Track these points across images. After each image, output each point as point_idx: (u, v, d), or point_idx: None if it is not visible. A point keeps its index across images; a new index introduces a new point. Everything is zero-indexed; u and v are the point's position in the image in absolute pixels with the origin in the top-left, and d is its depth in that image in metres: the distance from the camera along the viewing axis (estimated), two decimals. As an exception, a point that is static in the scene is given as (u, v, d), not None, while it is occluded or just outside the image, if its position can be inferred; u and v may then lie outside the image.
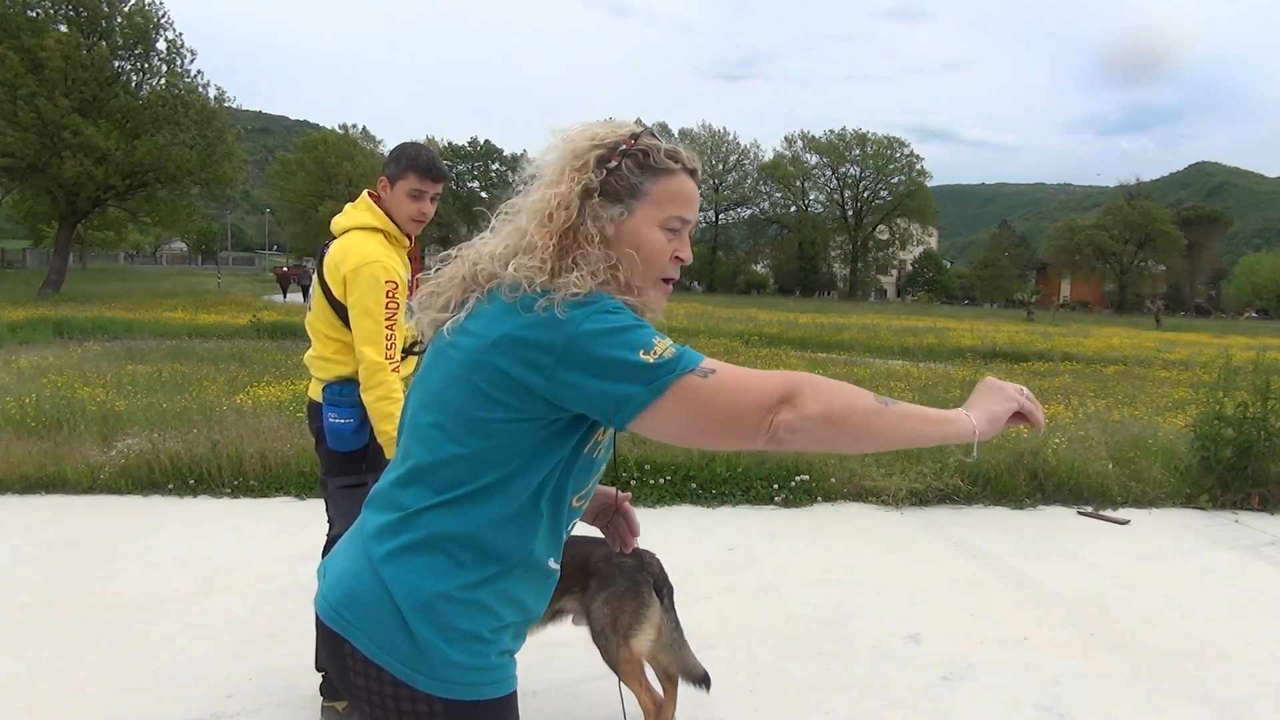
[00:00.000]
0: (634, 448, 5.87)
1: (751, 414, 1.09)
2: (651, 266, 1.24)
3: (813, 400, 1.09)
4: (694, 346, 1.16)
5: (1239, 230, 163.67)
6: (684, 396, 1.09)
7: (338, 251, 2.63)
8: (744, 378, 1.11)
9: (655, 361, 1.09)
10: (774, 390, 1.09)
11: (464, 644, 1.18)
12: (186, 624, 3.53)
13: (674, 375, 1.08)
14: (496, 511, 1.19)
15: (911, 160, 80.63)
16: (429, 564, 1.19)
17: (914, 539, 5.04)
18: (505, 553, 1.21)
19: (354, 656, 1.20)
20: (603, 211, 1.21)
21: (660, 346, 1.10)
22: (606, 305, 1.14)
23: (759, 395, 1.09)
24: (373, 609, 1.19)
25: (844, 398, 1.11)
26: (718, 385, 1.09)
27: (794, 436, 1.09)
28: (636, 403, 1.09)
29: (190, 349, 12.48)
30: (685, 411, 1.09)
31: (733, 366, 1.13)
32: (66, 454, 5.57)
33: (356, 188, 3.74)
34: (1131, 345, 20.91)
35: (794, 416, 1.08)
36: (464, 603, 1.19)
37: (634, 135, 1.23)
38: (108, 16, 27.93)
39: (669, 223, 1.24)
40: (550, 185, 1.21)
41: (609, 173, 1.21)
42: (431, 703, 1.17)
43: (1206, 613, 4.04)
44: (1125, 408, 8.79)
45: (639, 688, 2.56)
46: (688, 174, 1.26)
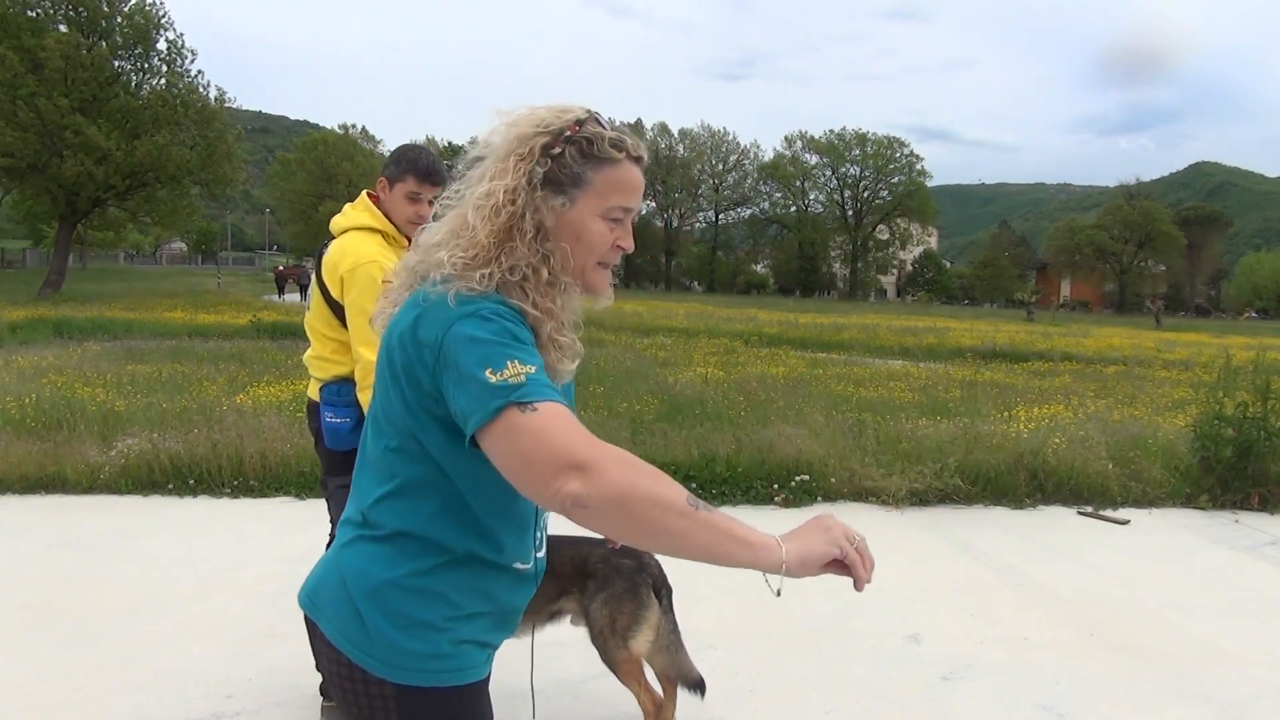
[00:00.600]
0: (634, 448, 5.87)
1: (542, 469, 1.00)
2: (591, 256, 1.23)
3: (612, 481, 0.99)
4: (694, 346, 1.15)
5: (1239, 230, 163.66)
6: (503, 427, 1.03)
7: (335, 251, 2.63)
8: (553, 429, 1.02)
9: (496, 383, 1.03)
10: (574, 454, 1.00)
11: (413, 631, 1.20)
12: (186, 624, 3.53)
13: (504, 403, 1.03)
14: (429, 507, 1.20)
15: (911, 160, 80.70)
16: (379, 552, 1.21)
17: (914, 539, 5.04)
18: (448, 545, 1.21)
19: (321, 639, 1.25)
20: (544, 204, 1.19)
21: (512, 369, 1.04)
22: (484, 311, 1.11)
23: (556, 453, 1.00)
24: (332, 595, 1.24)
25: (649, 489, 1.01)
26: (526, 426, 1.02)
27: (582, 513, 1.00)
28: (473, 421, 1.05)
29: (190, 349, 12.48)
30: (500, 444, 1.04)
31: (563, 416, 1.04)
32: (66, 454, 5.57)
33: (356, 188, 3.73)
34: (1131, 345, 20.92)
35: (583, 491, 0.99)
36: (412, 590, 1.20)
37: (579, 121, 1.20)
38: (108, 16, 27.92)
39: (611, 213, 1.22)
40: (498, 177, 1.19)
41: (553, 160, 1.19)
42: (383, 686, 1.20)
43: (1206, 613, 4.04)
44: (1125, 408, 8.79)
45: (638, 688, 2.56)
46: (632, 162, 1.23)
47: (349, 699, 1.23)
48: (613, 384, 8.65)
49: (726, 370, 11.08)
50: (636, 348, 14.23)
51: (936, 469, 5.78)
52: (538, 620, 2.62)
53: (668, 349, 14.49)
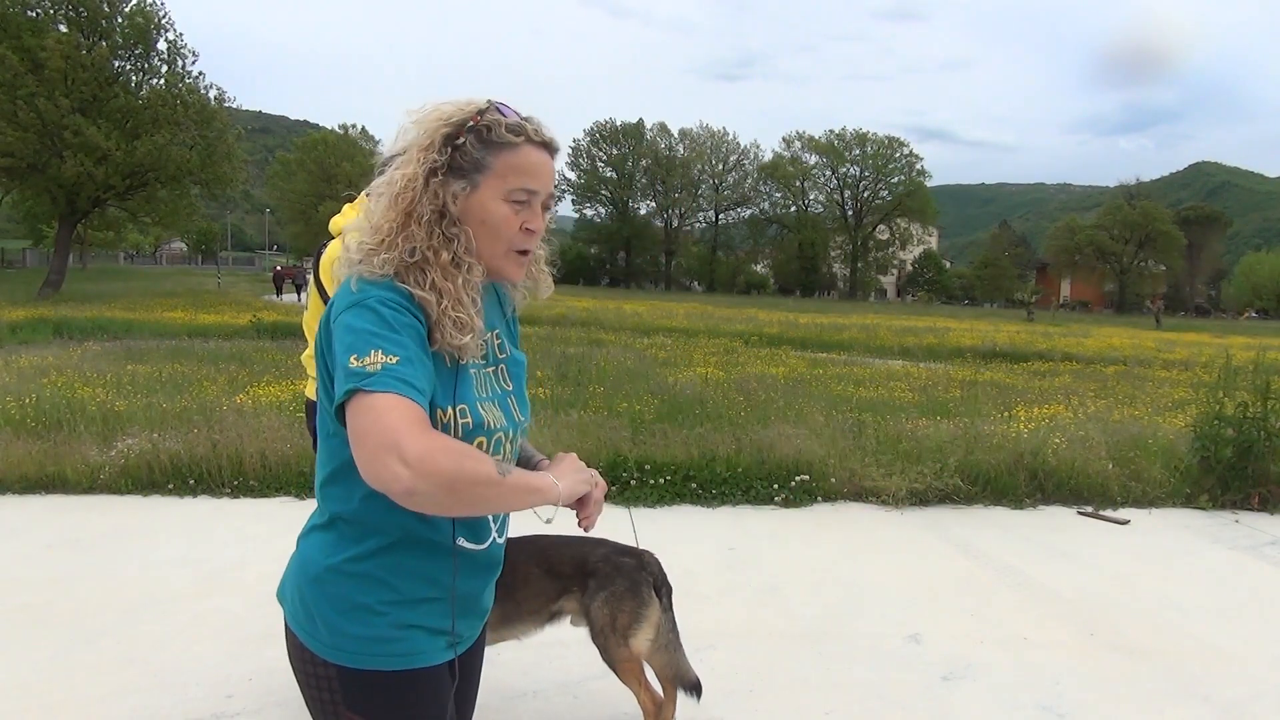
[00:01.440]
0: (634, 448, 5.87)
1: (373, 450, 1.06)
2: (498, 239, 1.28)
3: (438, 470, 1.05)
4: (694, 346, 1.17)
5: (1239, 230, 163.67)
6: (350, 409, 1.10)
7: (333, 251, 2.63)
8: (388, 415, 1.06)
9: (354, 368, 1.10)
10: (399, 442, 1.05)
11: (353, 614, 1.25)
12: (186, 624, 3.53)
13: (355, 386, 1.09)
14: (360, 487, 1.20)
15: (911, 160, 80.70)
16: (323, 539, 1.29)
17: (914, 539, 5.04)
18: (381, 527, 1.25)
19: (285, 626, 1.34)
20: (444, 189, 1.24)
21: (372, 358, 1.10)
22: (369, 300, 1.17)
23: (384, 438, 1.05)
24: (289, 582, 1.34)
25: (471, 471, 1.09)
26: (365, 408, 1.08)
27: (413, 498, 1.06)
28: (335, 399, 1.13)
29: (190, 349, 12.48)
30: (349, 423, 1.10)
31: (401, 407, 1.08)
32: (66, 454, 5.57)
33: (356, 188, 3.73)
34: (1131, 345, 20.92)
35: (413, 482, 1.04)
36: (351, 575, 1.26)
37: (480, 111, 1.26)
38: (108, 16, 27.89)
39: (513, 195, 1.26)
40: (401, 166, 1.26)
41: (454, 150, 1.24)
42: (328, 668, 1.27)
43: (1206, 613, 4.04)
44: (1125, 408, 8.79)
45: (639, 687, 2.56)
46: (536, 146, 1.27)
47: (301, 679, 1.31)
48: (613, 384, 8.65)
49: (726, 370, 11.08)
50: (636, 348, 14.23)
51: (936, 469, 5.78)
52: (538, 620, 2.62)
53: (668, 349, 14.48)
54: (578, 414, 6.59)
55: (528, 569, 2.55)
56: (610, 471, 5.61)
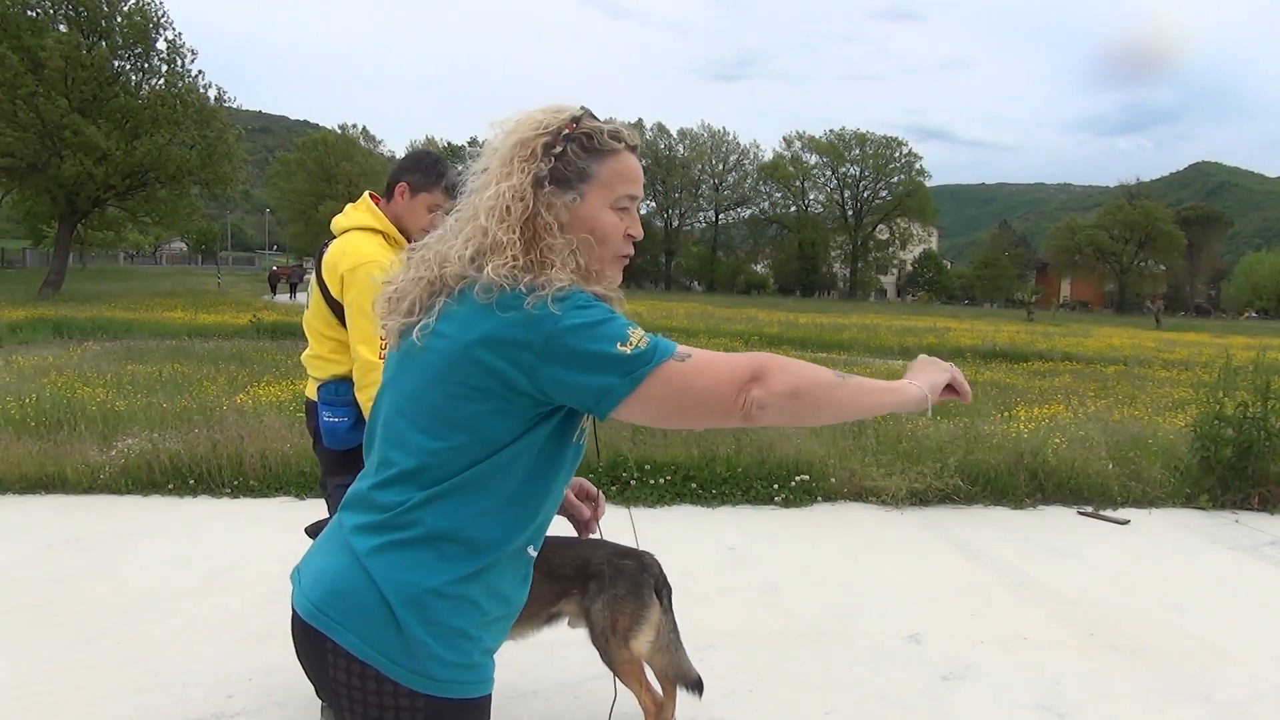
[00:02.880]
0: (634, 448, 5.87)
1: (727, 393, 1.14)
2: (608, 248, 1.26)
3: (780, 378, 1.15)
4: (694, 345, 1.18)
5: (1239, 230, 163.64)
6: (663, 382, 1.14)
7: (336, 251, 2.63)
8: (716, 361, 1.17)
9: (632, 353, 1.13)
10: (745, 370, 1.15)
11: (451, 640, 1.19)
12: (186, 624, 3.53)
13: (651, 365, 1.13)
14: (483, 504, 1.19)
15: (910, 160, 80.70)
16: (418, 559, 1.19)
17: (914, 539, 5.04)
18: (493, 544, 1.21)
19: (336, 653, 1.19)
20: (555, 199, 1.22)
21: (635, 337, 1.14)
22: (579, 300, 1.17)
23: (732, 376, 1.15)
24: (360, 605, 1.19)
25: (808, 375, 1.18)
26: (694, 369, 1.15)
27: (764, 412, 1.15)
28: (617, 393, 1.13)
29: (190, 349, 12.48)
30: (666, 395, 1.14)
31: (704, 351, 1.19)
32: (66, 454, 5.57)
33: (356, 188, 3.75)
34: (1131, 345, 20.92)
35: (764, 393, 1.14)
36: (453, 598, 1.19)
37: (575, 119, 1.24)
38: (107, 16, 27.91)
39: (619, 202, 1.25)
40: (502, 179, 1.21)
41: (556, 159, 1.21)
42: (414, 698, 1.17)
43: (1206, 613, 4.04)
44: (1125, 408, 8.79)
45: (639, 688, 2.56)
46: (630, 151, 1.27)
47: (371, 714, 1.18)
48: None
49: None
50: (636, 348, 14.19)
51: (936, 469, 5.78)
52: (536, 623, 2.62)
53: (668, 349, 14.44)
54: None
55: None
56: (610, 471, 5.62)
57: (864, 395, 1.23)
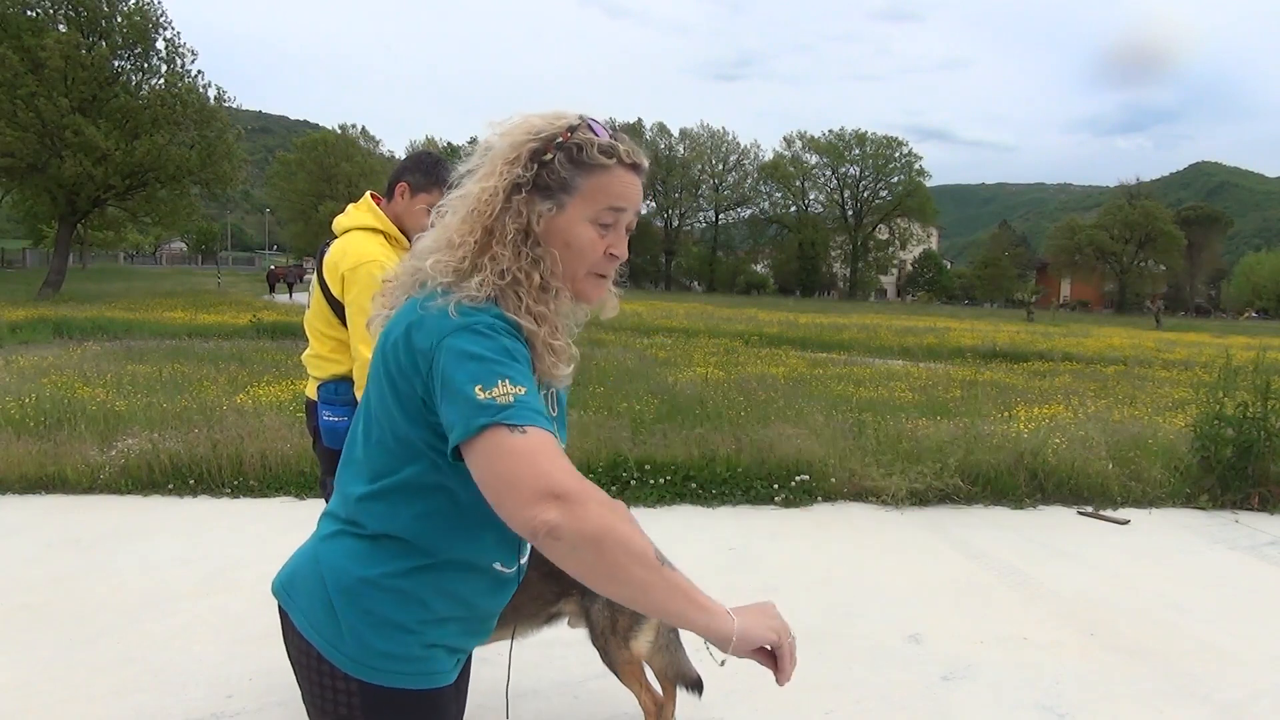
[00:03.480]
0: (634, 448, 5.87)
1: (523, 492, 1.00)
2: (581, 263, 1.21)
3: (591, 518, 1.00)
4: (694, 346, 1.16)
5: (1239, 230, 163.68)
6: (487, 445, 1.03)
7: (337, 250, 2.64)
8: (539, 454, 1.02)
9: (484, 401, 1.03)
10: (556, 483, 1.00)
11: (385, 631, 1.20)
12: (186, 624, 3.53)
13: (489, 421, 1.02)
14: (417, 507, 1.20)
15: (910, 160, 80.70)
16: (359, 549, 1.22)
17: (914, 539, 5.04)
18: (431, 548, 1.21)
19: (290, 629, 1.26)
20: (528, 208, 1.18)
21: (501, 389, 1.04)
22: (480, 325, 1.10)
23: (539, 479, 1.00)
24: (307, 586, 1.24)
25: (625, 534, 1.03)
26: (511, 448, 1.02)
27: (555, 544, 1.00)
28: (455, 434, 1.06)
29: (190, 349, 12.47)
30: (481, 461, 1.04)
31: (549, 444, 1.04)
32: (66, 454, 5.57)
33: (356, 187, 3.75)
34: (1131, 345, 20.91)
35: (561, 523, 0.99)
36: (389, 590, 1.20)
37: (571, 128, 1.19)
38: (107, 16, 27.90)
39: (601, 218, 1.20)
40: (481, 180, 1.19)
41: (541, 166, 1.18)
42: (349, 683, 1.21)
43: (1206, 613, 4.04)
44: (1125, 408, 8.79)
45: (639, 688, 2.56)
46: (626, 168, 1.21)
47: (314, 690, 1.24)
48: (613, 384, 8.65)
49: (726, 370, 11.08)
50: (636, 348, 14.23)
51: (936, 469, 5.78)
52: (535, 623, 2.62)
53: (668, 349, 14.48)
54: (578, 414, 6.58)
55: (527, 572, 2.54)
56: (610, 471, 5.62)
57: (670, 593, 1.08)
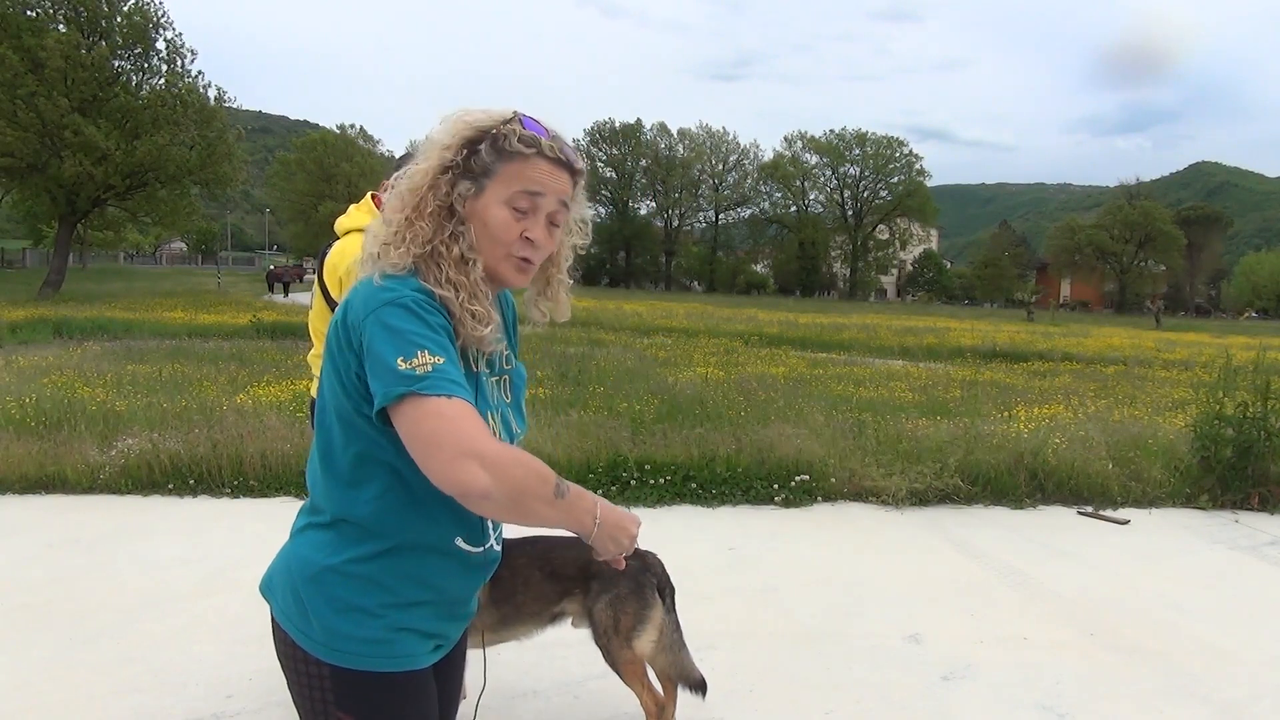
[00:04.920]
0: (634, 448, 5.87)
1: (446, 452, 1.10)
2: (497, 242, 1.29)
3: (512, 478, 1.12)
4: (694, 346, 1.18)
5: (1239, 230, 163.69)
6: (409, 410, 1.13)
7: (336, 253, 2.64)
8: (461, 420, 1.12)
9: (404, 370, 1.13)
10: (477, 445, 1.11)
11: (349, 615, 1.26)
12: (187, 623, 3.53)
13: (407, 389, 1.12)
14: (370, 489, 1.26)
15: (911, 160, 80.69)
16: (321, 539, 1.30)
17: (914, 539, 5.04)
18: (386, 530, 1.27)
19: (273, 620, 1.34)
20: (452, 187, 1.28)
21: (421, 359, 1.14)
22: (405, 300, 1.19)
23: (462, 440, 1.11)
24: (280, 578, 1.33)
25: (536, 487, 1.14)
26: (430, 411, 1.12)
27: (485, 503, 1.12)
28: (378, 400, 1.15)
29: (190, 349, 12.48)
30: (406, 425, 1.14)
31: (465, 409, 1.13)
32: (66, 454, 5.57)
33: (356, 188, 3.76)
34: (1131, 345, 20.91)
35: (490, 485, 1.10)
36: (350, 576, 1.27)
37: (505, 121, 1.29)
38: (107, 16, 27.89)
39: (515, 200, 1.28)
40: (418, 162, 1.30)
41: (472, 154, 1.27)
42: (321, 667, 1.28)
43: (1206, 613, 4.04)
44: (1125, 408, 8.79)
45: (641, 689, 2.56)
46: (549, 160, 1.29)
47: (292, 677, 1.32)
48: (613, 384, 8.65)
49: (726, 370, 11.08)
50: (636, 348, 14.23)
51: (936, 469, 5.78)
52: (539, 623, 2.62)
53: (668, 349, 14.48)
54: (578, 414, 6.58)
55: (529, 572, 2.54)
56: (610, 471, 5.62)
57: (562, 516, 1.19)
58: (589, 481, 5.45)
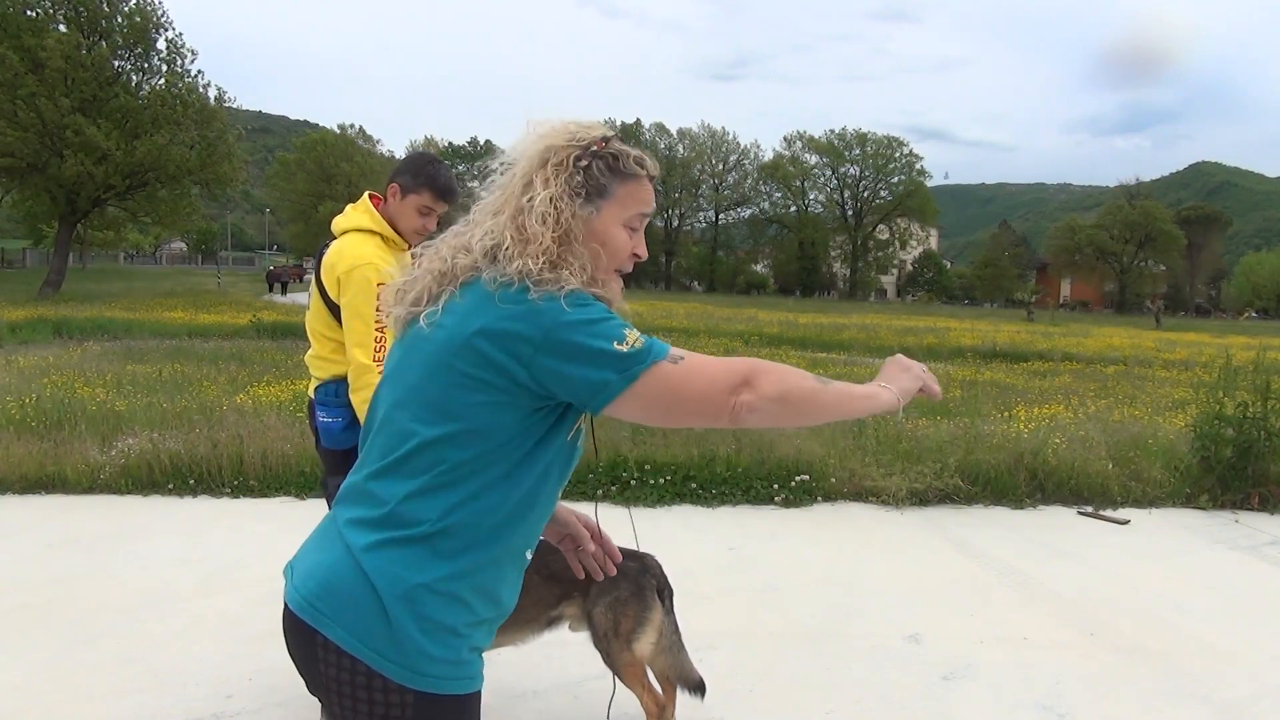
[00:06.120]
0: (634, 448, 5.87)
1: (718, 396, 1.21)
2: (613, 261, 1.33)
3: (769, 383, 1.23)
4: (694, 346, 1.20)
5: (1239, 230, 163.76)
6: (657, 381, 1.20)
7: (334, 253, 2.64)
8: (709, 365, 1.24)
9: (628, 351, 1.19)
10: (736, 375, 1.22)
11: (439, 636, 1.21)
12: (187, 624, 3.53)
13: (645, 364, 1.19)
14: (476, 497, 1.22)
15: (911, 160, 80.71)
16: (411, 554, 1.21)
17: (914, 539, 5.04)
18: (486, 541, 1.24)
19: (326, 648, 1.22)
20: (579, 211, 1.28)
21: (631, 337, 1.20)
22: (579, 299, 1.22)
23: (724, 379, 1.22)
24: (352, 599, 1.21)
25: (794, 380, 1.26)
26: (686, 371, 1.22)
27: (753, 415, 1.22)
28: (612, 389, 1.19)
29: (190, 349, 12.49)
30: (659, 394, 1.21)
31: (696, 355, 1.26)
32: (66, 454, 5.57)
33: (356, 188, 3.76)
34: (1131, 345, 20.92)
35: (754, 397, 1.21)
36: (444, 594, 1.21)
37: (605, 139, 1.31)
38: (108, 16, 27.92)
39: (631, 221, 1.33)
40: (543, 186, 1.27)
41: (583, 172, 1.28)
42: (404, 694, 1.20)
43: (1206, 613, 4.04)
44: (1125, 408, 8.79)
45: (641, 690, 2.56)
46: (649, 180, 1.34)
47: (358, 707, 1.21)
48: (613, 384, 8.64)
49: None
50: (636, 348, 14.19)
51: (936, 469, 5.78)
52: (536, 628, 2.61)
53: (668, 349, 14.44)
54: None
55: (527, 575, 2.53)
56: (610, 471, 5.62)
57: (845, 400, 1.33)
58: (589, 481, 5.45)
